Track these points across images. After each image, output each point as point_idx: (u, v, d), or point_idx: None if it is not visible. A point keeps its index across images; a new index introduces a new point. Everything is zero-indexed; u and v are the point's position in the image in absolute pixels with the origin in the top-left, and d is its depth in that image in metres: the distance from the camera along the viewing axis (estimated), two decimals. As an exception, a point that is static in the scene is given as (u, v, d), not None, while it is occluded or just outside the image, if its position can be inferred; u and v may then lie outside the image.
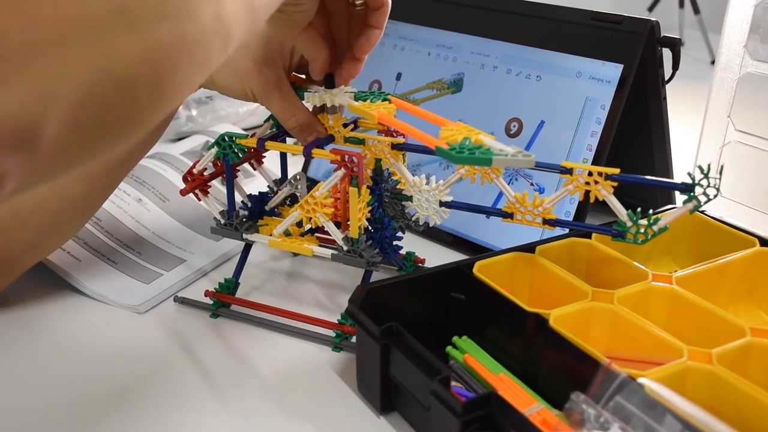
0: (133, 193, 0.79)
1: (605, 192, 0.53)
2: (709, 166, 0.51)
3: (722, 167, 0.52)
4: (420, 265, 0.71)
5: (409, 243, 0.69)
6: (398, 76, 0.87)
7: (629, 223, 0.53)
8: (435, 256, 0.72)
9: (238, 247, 0.76)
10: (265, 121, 0.66)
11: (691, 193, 0.52)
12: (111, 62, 0.33)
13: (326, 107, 0.61)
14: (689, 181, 0.52)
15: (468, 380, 0.51)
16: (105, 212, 0.76)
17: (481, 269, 0.57)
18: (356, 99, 0.60)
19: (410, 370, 0.48)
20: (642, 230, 0.53)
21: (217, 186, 0.80)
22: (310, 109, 0.63)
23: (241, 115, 1.10)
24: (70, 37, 0.32)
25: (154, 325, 0.63)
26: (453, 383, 0.48)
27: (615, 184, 0.53)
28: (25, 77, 0.30)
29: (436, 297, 0.57)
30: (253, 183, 0.86)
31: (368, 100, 0.59)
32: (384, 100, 0.59)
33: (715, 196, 0.51)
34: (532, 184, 0.74)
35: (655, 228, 0.53)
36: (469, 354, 0.53)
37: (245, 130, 1.04)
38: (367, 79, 0.89)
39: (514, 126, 0.77)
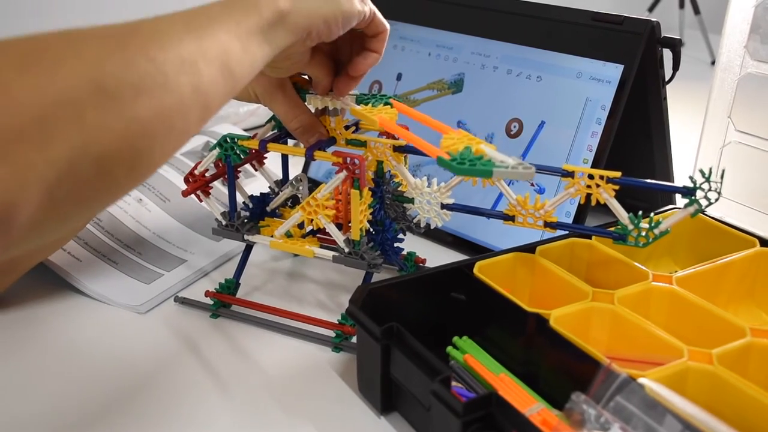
0: (134, 194, 0.80)
1: (606, 195, 0.53)
2: (710, 169, 0.51)
3: (723, 171, 0.52)
4: (421, 265, 0.71)
5: (410, 243, 0.69)
6: (399, 77, 0.87)
7: (630, 227, 0.53)
8: (435, 256, 0.72)
9: (238, 247, 0.76)
10: (267, 122, 0.66)
11: (693, 197, 0.52)
12: (90, 140, 0.33)
13: (328, 109, 0.61)
14: (690, 184, 0.52)
15: (468, 380, 0.51)
16: (106, 212, 0.76)
17: (481, 269, 0.57)
18: (358, 102, 0.60)
19: (411, 370, 0.48)
20: (643, 233, 0.53)
21: (219, 187, 0.80)
22: (312, 111, 0.63)
23: (241, 115, 1.10)
24: (51, 118, 0.32)
25: (154, 326, 0.63)
26: (453, 383, 0.48)
27: (616, 187, 0.53)
28: (5, 161, 0.30)
29: (437, 297, 0.57)
30: (254, 183, 0.86)
31: (370, 104, 0.59)
32: (386, 104, 0.59)
33: (717, 199, 0.51)
34: (532, 185, 0.74)
35: (656, 231, 0.52)
36: (470, 354, 0.53)
37: (246, 130, 1.04)
38: (368, 80, 0.89)
39: (515, 126, 0.77)
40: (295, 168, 0.72)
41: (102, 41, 0.36)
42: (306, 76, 0.64)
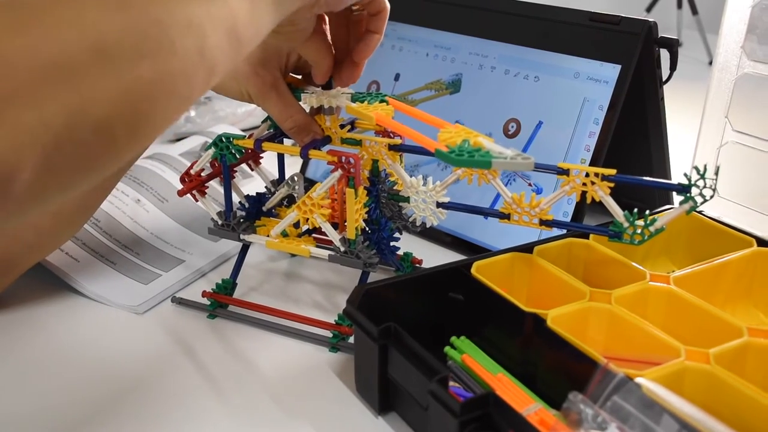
0: (132, 194, 0.79)
1: (602, 193, 0.53)
2: (705, 166, 0.51)
3: (718, 168, 0.52)
4: (417, 265, 0.71)
5: (408, 243, 0.69)
6: (396, 77, 0.87)
7: (626, 224, 0.53)
8: (433, 256, 0.72)
9: (236, 247, 0.76)
10: (263, 122, 0.66)
11: (688, 194, 0.52)
12: (88, 104, 0.33)
13: (323, 108, 0.61)
14: (686, 181, 0.52)
15: (466, 380, 0.51)
16: (103, 213, 0.76)
17: (479, 269, 0.57)
18: (353, 100, 0.60)
19: (408, 370, 0.48)
20: (639, 231, 0.53)
21: (216, 187, 0.80)
22: (307, 110, 0.63)
23: (239, 116, 1.10)
24: (46, 80, 0.31)
25: (152, 326, 0.63)
26: (451, 383, 0.48)
27: (611, 185, 0.53)
28: (0, 126, 0.30)
29: (435, 297, 0.57)
30: (251, 184, 0.86)
31: (366, 102, 0.59)
32: (381, 101, 0.59)
33: (712, 196, 0.51)
34: (530, 185, 0.74)
35: (651, 229, 0.53)
36: (468, 354, 0.53)
37: (244, 130, 1.04)
38: (366, 80, 0.89)
39: (512, 126, 0.77)
40: (291, 168, 0.72)
41: (103, 3, 0.35)
42: (299, 77, 0.65)
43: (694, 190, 0.52)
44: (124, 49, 0.34)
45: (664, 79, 0.74)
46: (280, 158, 0.70)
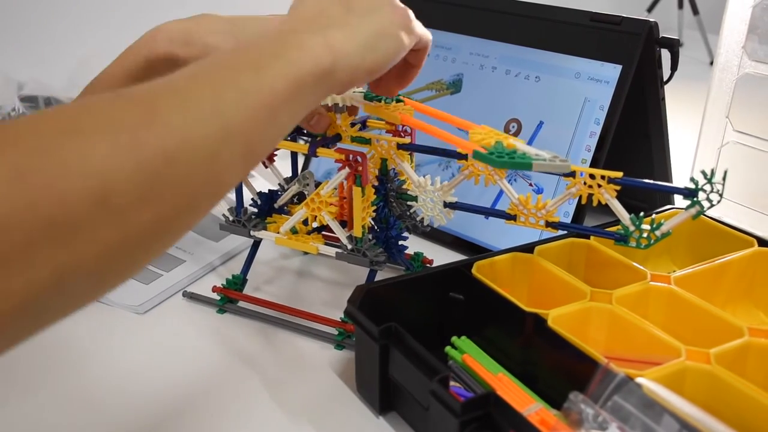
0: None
1: (608, 196, 0.53)
2: (712, 171, 0.51)
3: (726, 172, 0.52)
4: (428, 266, 0.71)
5: (409, 242, 0.69)
6: (397, 77, 0.87)
7: (632, 228, 0.53)
8: (435, 256, 0.72)
9: (238, 247, 0.76)
10: None
11: (695, 199, 0.52)
12: (82, 257, 0.30)
13: (336, 106, 0.61)
14: (692, 185, 0.51)
15: (467, 380, 0.51)
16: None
17: (480, 269, 0.57)
18: (366, 99, 0.60)
19: (409, 370, 0.48)
20: (645, 235, 0.53)
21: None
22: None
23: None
24: (40, 242, 0.28)
25: (155, 325, 0.64)
26: (452, 383, 0.48)
27: (618, 187, 0.53)
28: None
29: (436, 297, 0.57)
30: (255, 183, 0.86)
31: (382, 102, 0.59)
32: (398, 101, 0.59)
33: (719, 201, 0.51)
34: (531, 185, 0.74)
35: (657, 233, 0.52)
36: (468, 354, 0.53)
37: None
38: (367, 80, 0.89)
39: (513, 126, 0.77)
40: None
41: (114, 136, 0.31)
42: None
43: (701, 195, 0.51)
44: (129, 195, 0.30)
45: (664, 79, 0.74)
46: (294, 156, 0.70)
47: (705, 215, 0.65)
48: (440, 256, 0.74)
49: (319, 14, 0.44)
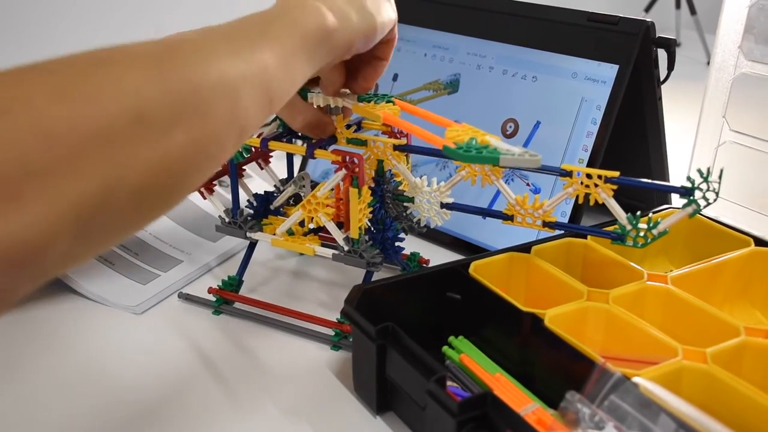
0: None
1: (605, 195, 0.53)
2: (708, 169, 0.51)
3: (722, 171, 0.52)
4: (424, 266, 0.71)
5: (407, 243, 0.69)
6: (395, 77, 0.87)
7: (629, 227, 0.53)
8: (432, 256, 0.72)
9: (236, 248, 0.76)
10: (272, 121, 0.66)
11: (691, 197, 0.52)
12: (125, 173, 0.32)
13: (329, 108, 0.61)
14: (688, 184, 0.52)
15: (464, 380, 0.51)
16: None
17: (477, 269, 0.57)
18: (359, 101, 0.60)
19: (406, 370, 0.48)
20: (642, 234, 0.53)
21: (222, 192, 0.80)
22: None
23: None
24: (86, 153, 0.31)
25: (151, 326, 0.64)
26: (449, 383, 0.48)
27: (614, 187, 0.53)
28: (40, 197, 0.29)
29: (433, 297, 0.57)
30: (251, 184, 0.86)
31: (372, 102, 0.59)
32: (388, 101, 0.59)
33: (715, 200, 0.51)
34: (528, 185, 0.74)
35: (654, 232, 0.53)
36: (465, 354, 0.53)
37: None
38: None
39: (510, 126, 0.77)
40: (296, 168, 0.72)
41: (142, 67, 0.34)
42: None
43: (697, 194, 0.51)
44: (161, 115, 0.34)
45: (661, 79, 0.74)
46: (289, 158, 0.70)
47: (702, 215, 0.65)
48: (437, 256, 0.74)
49: None
